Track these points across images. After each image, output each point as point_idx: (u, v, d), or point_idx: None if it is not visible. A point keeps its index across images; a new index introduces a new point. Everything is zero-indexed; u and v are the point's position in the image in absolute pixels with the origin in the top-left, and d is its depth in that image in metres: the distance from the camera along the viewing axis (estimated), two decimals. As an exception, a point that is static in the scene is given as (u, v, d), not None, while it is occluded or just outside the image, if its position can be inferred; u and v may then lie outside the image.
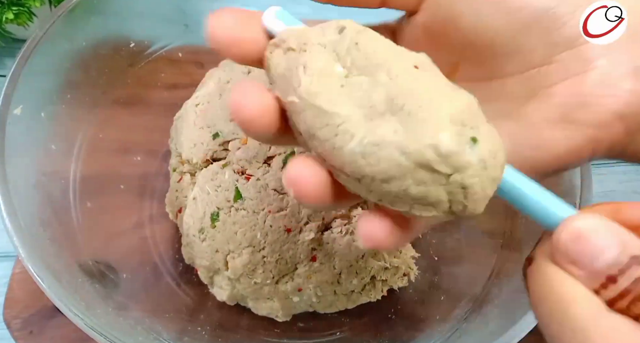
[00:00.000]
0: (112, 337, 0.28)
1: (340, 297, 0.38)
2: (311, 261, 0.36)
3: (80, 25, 0.38)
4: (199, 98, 0.41)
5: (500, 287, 0.36)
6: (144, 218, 0.42)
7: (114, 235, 0.40)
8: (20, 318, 0.38)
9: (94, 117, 0.41)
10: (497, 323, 0.32)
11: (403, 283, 0.40)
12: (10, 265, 0.40)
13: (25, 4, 0.42)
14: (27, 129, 0.35)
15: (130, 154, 0.43)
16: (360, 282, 0.38)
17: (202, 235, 0.37)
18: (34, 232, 0.32)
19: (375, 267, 0.38)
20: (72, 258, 0.34)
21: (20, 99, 0.34)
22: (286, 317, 0.39)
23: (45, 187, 0.36)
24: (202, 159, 0.38)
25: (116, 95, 0.42)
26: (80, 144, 0.40)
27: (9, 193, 0.31)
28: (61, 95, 0.38)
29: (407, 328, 0.39)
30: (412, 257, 0.41)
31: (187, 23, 0.47)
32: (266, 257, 0.35)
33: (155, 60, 0.45)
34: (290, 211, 0.35)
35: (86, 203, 0.38)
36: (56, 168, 0.38)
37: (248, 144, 0.37)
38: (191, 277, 0.40)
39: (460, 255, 0.42)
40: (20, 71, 0.34)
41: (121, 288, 0.37)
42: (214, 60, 0.43)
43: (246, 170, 0.36)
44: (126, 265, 0.38)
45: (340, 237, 0.36)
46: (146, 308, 0.36)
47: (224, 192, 0.36)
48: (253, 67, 0.20)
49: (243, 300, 0.38)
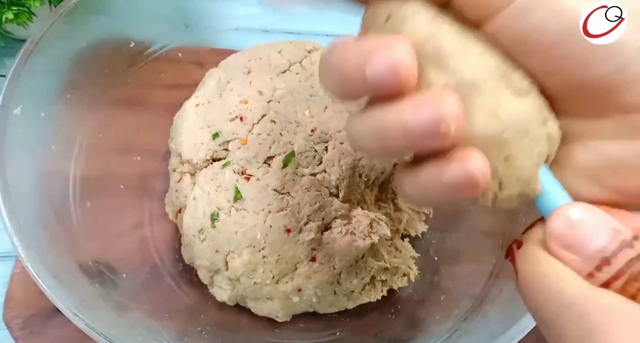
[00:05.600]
0: (112, 337, 0.28)
1: (340, 297, 0.38)
2: (311, 261, 0.36)
3: (80, 25, 0.38)
4: (199, 98, 0.41)
5: (500, 287, 0.36)
6: (144, 218, 0.42)
7: (114, 235, 0.40)
8: (20, 318, 0.38)
9: (94, 117, 0.41)
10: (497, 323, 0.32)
11: (403, 283, 0.40)
12: (10, 265, 0.40)
13: (25, 4, 0.42)
14: (27, 129, 0.35)
15: (130, 154, 0.43)
16: (360, 282, 0.38)
17: (202, 235, 0.37)
18: (34, 232, 0.32)
19: (375, 267, 0.38)
20: (72, 258, 0.34)
21: (20, 99, 0.34)
22: (286, 317, 0.38)
23: (45, 187, 0.36)
24: (202, 159, 0.38)
25: (116, 95, 0.42)
26: (80, 144, 0.40)
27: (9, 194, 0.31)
28: (61, 95, 0.38)
29: (407, 328, 0.39)
30: (412, 257, 0.41)
31: (187, 23, 0.47)
32: (266, 257, 0.35)
33: (155, 60, 0.45)
34: (290, 211, 0.35)
35: (86, 203, 0.38)
36: (56, 168, 0.38)
37: (248, 144, 0.37)
38: (191, 277, 0.40)
39: (460, 255, 0.42)
40: (20, 71, 0.34)
41: (121, 288, 0.37)
42: (214, 60, 0.43)
43: (246, 170, 0.36)
44: (126, 265, 0.38)
45: (340, 237, 0.36)
46: (146, 308, 0.36)
47: (224, 192, 0.36)
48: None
49: (243, 300, 0.38)
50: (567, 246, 0.18)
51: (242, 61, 0.41)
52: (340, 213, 0.37)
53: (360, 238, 0.36)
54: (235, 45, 0.47)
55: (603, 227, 0.17)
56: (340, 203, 0.37)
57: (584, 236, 0.17)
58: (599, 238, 0.17)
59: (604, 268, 0.17)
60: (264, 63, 0.40)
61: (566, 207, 0.18)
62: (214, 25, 0.48)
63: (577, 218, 0.18)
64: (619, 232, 0.17)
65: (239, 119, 0.38)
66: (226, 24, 0.48)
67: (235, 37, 0.49)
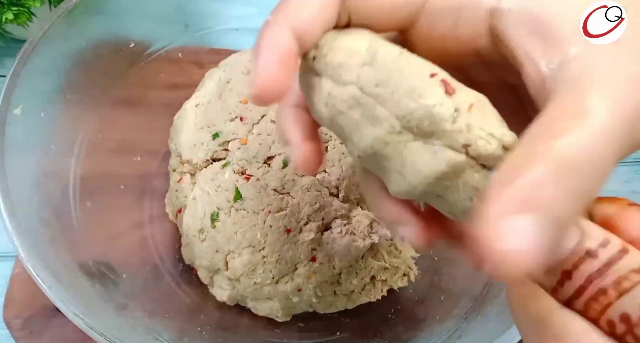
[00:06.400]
0: (112, 337, 0.28)
1: (340, 297, 0.38)
2: (311, 261, 0.36)
3: (80, 26, 0.38)
4: (199, 98, 0.41)
5: (500, 286, 0.36)
6: (144, 218, 0.42)
7: (114, 235, 0.40)
8: (20, 318, 0.38)
9: (94, 117, 0.41)
10: (497, 323, 0.32)
11: (403, 283, 0.40)
12: (10, 265, 0.40)
13: (25, 4, 0.42)
14: (27, 129, 0.35)
15: (130, 154, 0.43)
16: (360, 282, 0.38)
17: (202, 235, 0.37)
18: (34, 232, 0.32)
19: (375, 267, 0.38)
20: (72, 258, 0.34)
21: (20, 99, 0.34)
22: (286, 317, 0.38)
23: (45, 187, 0.36)
24: (202, 159, 0.38)
25: (116, 95, 0.42)
26: (80, 144, 0.40)
27: (9, 194, 0.31)
28: (61, 95, 0.38)
29: (407, 328, 0.39)
30: (412, 257, 0.41)
31: (187, 23, 0.47)
32: (266, 257, 0.35)
33: (155, 60, 0.45)
34: (290, 211, 0.35)
35: (86, 203, 0.38)
36: (56, 168, 0.38)
37: (248, 144, 0.37)
38: (191, 277, 0.40)
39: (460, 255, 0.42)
40: (20, 71, 0.34)
41: (121, 288, 0.37)
42: (214, 60, 0.43)
43: (246, 170, 0.36)
44: (126, 265, 0.38)
45: (340, 237, 0.36)
46: (146, 308, 0.36)
47: (224, 192, 0.36)
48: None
49: (243, 300, 0.38)
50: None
51: (242, 61, 0.41)
52: (340, 213, 0.37)
53: (360, 238, 0.36)
54: (235, 45, 0.47)
55: (571, 234, 0.15)
56: (340, 203, 0.37)
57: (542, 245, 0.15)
58: (562, 247, 0.15)
59: (566, 283, 0.15)
60: (264, 63, 0.40)
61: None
62: (214, 25, 0.48)
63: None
64: (585, 239, 0.15)
65: (239, 119, 0.38)
66: (226, 24, 0.48)
67: (235, 37, 0.49)
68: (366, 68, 0.17)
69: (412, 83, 0.16)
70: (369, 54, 0.18)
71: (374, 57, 0.17)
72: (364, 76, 0.17)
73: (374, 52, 0.18)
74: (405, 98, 0.16)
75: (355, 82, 0.18)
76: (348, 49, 0.18)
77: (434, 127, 0.16)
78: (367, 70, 0.17)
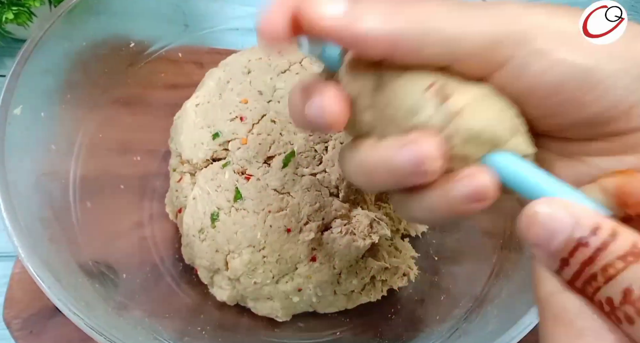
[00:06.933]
0: (112, 337, 0.28)
1: (340, 297, 0.38)
2: (311, 261, 0.36)
3: (80, 25, 0.38)
4: (199, 98, 0.41)
5: (500, 287, 0.36)
6: (144, 218, 0.42)
7: (114, 235, 0.40)
8: (20, 318, 0.38)
9: (94, 117, 0.41)
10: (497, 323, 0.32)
11: (403, 283, 0.40)
12: (10, 265, 0.39)
13: (25, 4, 0.42)
14: (27, 129, 0.35)
15: (130, 154, 0.43)
16: (360, 282, 0.38)
17: (202, 235, 0.37)
18: (34, 232, 0.32)
19: (375, 267, 0.38)
20: (72, 258, 0.34)
21: (20, 99, 0.34)
22: (286, 317, 0.38)
23: (45, 187, 0.36)
24: (202, 158, 0.38)
25: (116, 95, 0.42)
26: (80, 144, 0.40)
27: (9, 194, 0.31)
28: (61, 95, 0.38)
29: (407, 328, 0.39)
30: (412, 257, 0.41)
31: (187, 23, 0.47)
32: (266, 257, 0.35)
33: (155, 60, 0.45)
34: (290, 211, 0.35)
35: (86, 203, 0.38)
36: (56, 168, 0.38)
37: (248, 144, 0.37)
38: (191, 277, 0.40)
39: (460, 255, 0.42)
40: (20, 71, 0.34)
41: (121, 288, 0.37)
42: (214, 60, 0.43)
43: (246, 170, 0.36)
44: (126, 265, 0.38)
45: (340, 237, 0.36)
46: (146, 308, 0.36)
47: (224, 192, 0.36)
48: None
49: (243, 300, 0.38)
50: (533, 244, 0.17)
51: (242, 61, 0.41)
52: (340, 213, 0.37)
53: (360, 238, 0.36)
54: (235, 45, 0.47)
55: (561, 225, 0.16)
56: (340, 203, 0.37)
57: (544, 235, 0.16)
58: (556, 239, 0.16)
59: (565, 268, 0.16)
60: (264, 63, 0.40)
61: (532, 205, 0.17)
62: (214, 25, 0.48)
63: (537, 216, 0.17)
64: (578, 228, 0.16)
65: (239, 118, 0.38)
66: (226, 24, 0.48)
67: (235, 37, 0.49)
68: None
69: (405, 103, 0.18)
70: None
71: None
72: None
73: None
74: (403, 121, 0.19)
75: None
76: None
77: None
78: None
